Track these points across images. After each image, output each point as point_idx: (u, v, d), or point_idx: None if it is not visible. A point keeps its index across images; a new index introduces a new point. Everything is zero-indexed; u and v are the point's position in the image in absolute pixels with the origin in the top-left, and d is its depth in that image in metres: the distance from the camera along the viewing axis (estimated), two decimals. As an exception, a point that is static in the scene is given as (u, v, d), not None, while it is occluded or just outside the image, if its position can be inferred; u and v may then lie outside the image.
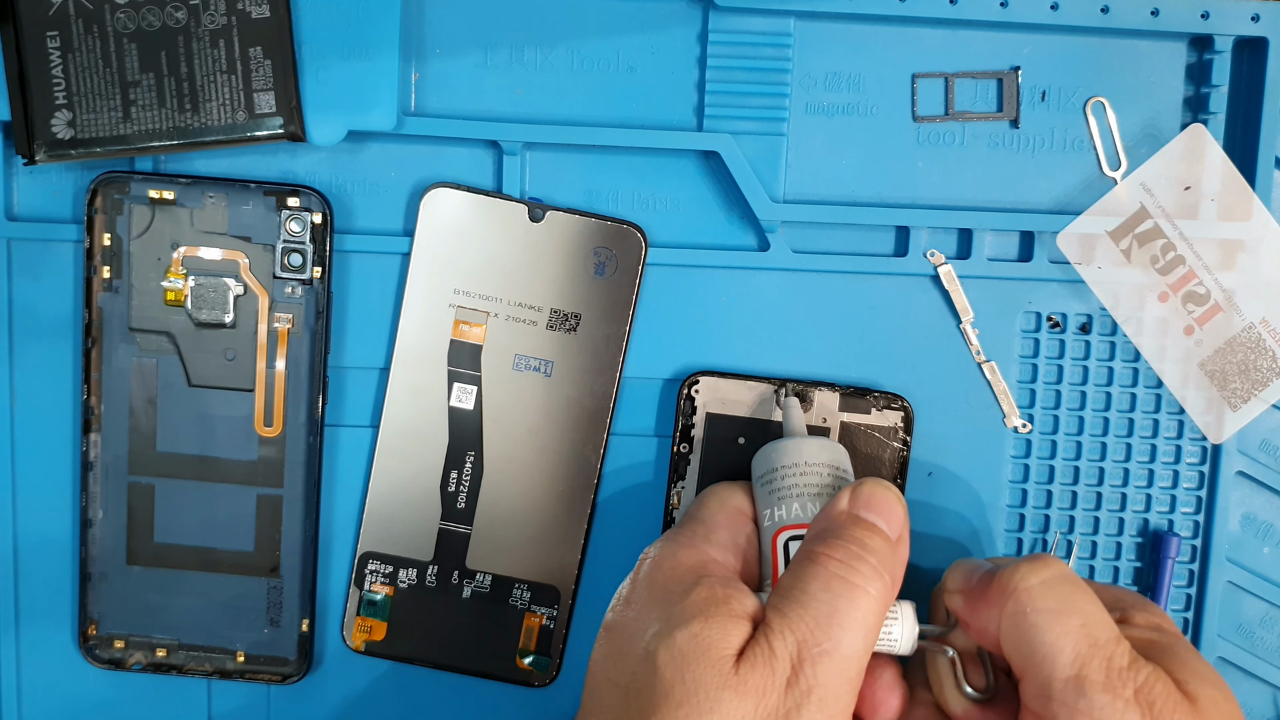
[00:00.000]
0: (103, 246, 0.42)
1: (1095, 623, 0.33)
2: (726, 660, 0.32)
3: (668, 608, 0.34)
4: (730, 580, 0.35)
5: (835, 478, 0.38)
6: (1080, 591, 0.34)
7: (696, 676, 0.32)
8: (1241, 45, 0.43)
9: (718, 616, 0.33)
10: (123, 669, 0.44)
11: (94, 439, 0.43)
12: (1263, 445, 0.45)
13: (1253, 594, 0.45)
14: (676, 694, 0.32)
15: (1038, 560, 0.34)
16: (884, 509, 0.35)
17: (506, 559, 0.43)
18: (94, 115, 0.40)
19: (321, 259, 0.42)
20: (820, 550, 0.34)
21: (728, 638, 0.32)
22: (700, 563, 0.35)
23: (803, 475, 0.38)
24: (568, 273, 0.42)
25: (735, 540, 0.37)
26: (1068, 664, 0.32)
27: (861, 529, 0.34)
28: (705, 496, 0.39)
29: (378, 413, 0.43)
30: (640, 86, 0.43)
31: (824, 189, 0.44)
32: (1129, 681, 0.32)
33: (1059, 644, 0.33)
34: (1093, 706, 0.32)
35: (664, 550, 0.36)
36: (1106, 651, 0.32)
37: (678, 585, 0.34)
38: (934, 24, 0.43)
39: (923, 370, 0.44)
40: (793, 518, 0.37)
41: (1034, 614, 0.33)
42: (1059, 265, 0.44)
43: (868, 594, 0.33)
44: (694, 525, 0.37)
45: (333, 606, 0.44)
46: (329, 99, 0.41)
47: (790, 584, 0.33)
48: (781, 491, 0.37)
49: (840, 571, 0.33)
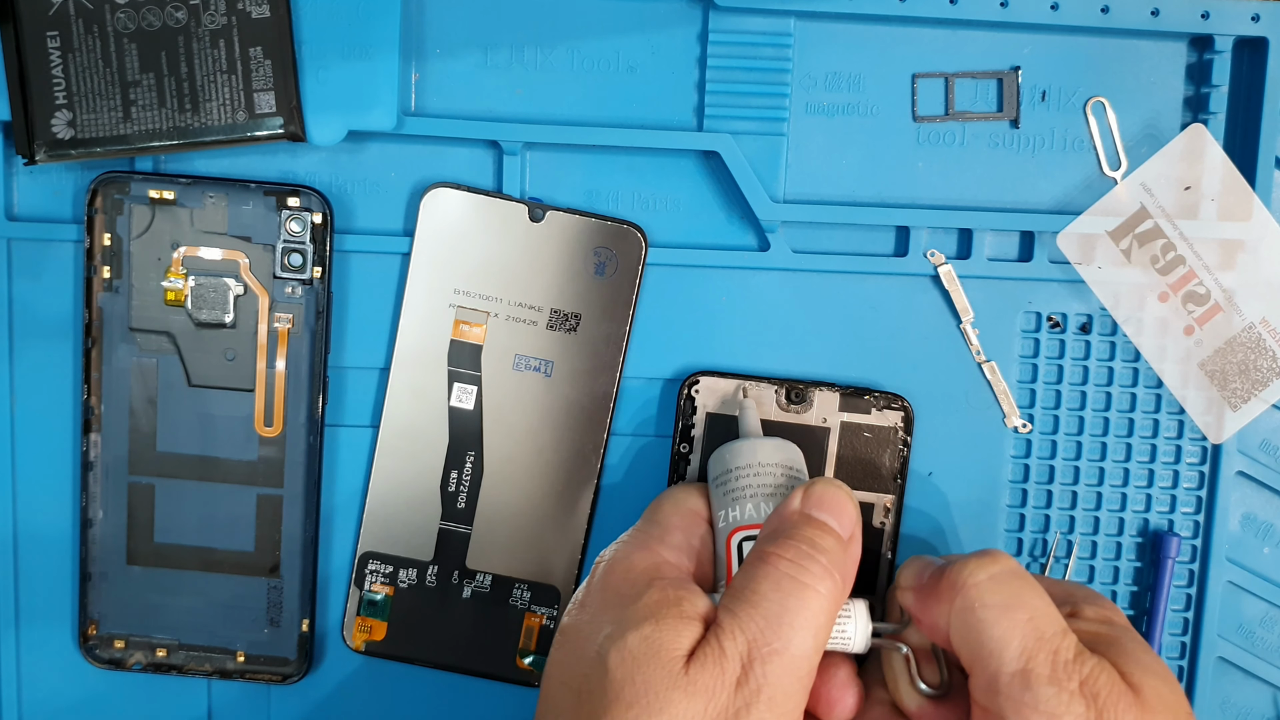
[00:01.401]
0: (103, 246, 0.42)
1: (1042, 617, 0.33)
2: (677, 661, 0.32)
3: (620, 610, 0.34)
4: (682, 582, 0.35)
5: (789, 478, 0.38)
6: (1027, 586, 0.34)
7: (647, 678, 0.32)
8: (1241, 45, 0.43)
9: (669, 618, 0.33)
10: (123, 669, 0.44)
11: (94, 439, 0.43)
12: (1263, 445, 0.45)
13: (1253, 594, 0.45)
14: (627, 695, 0.32)
15: (986, 555, 0.35)
16: (835, 508, 0.35)
17: (506, 559, 0.43)
18: (94, 115, 0.40)
19: (321, 259, 0.42)
20: (771, 550, 0.34)
21: (678, 639, 0.33)
22: (653, 565, 0.36)
23: (756, 476, 0.38)
24: (568, 273, 0.42)
25: (689, 542, 0.37)
26: (1014, 658, 0.33)
27: (813, 528, 0.35)
28: (661, 499, 0.39)
29: (378, 413, 0.43)
30: (640, 86, 0.43)
31: (824, 189, 0.44)
32: (1074, 674, 0.32)
33: (1006, 638, 0.33)
34: (1038, 699, 0.32)
35: (618, 553, 0.36)
36: (1053, 645, 0.33)
37: (630, 588, 0.35)
38: (934, 24, 0.43)
39: (923, 370, 0.44)
40: (746, 518, 0.37)
41: (981, 609, 0.33)
42: (1059, 265, 0.44)
43: (818, 593, 0.33)
44: (649, 527, 0.37)
45: (333, 606, 0.44)
46: (329, 99, 0.41)
47: (742, 584, 0.34)
48: (735, 492, 0.38)
49: (791, 571, 0.33)
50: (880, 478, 0.43)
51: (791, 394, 0.43)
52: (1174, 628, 0.45)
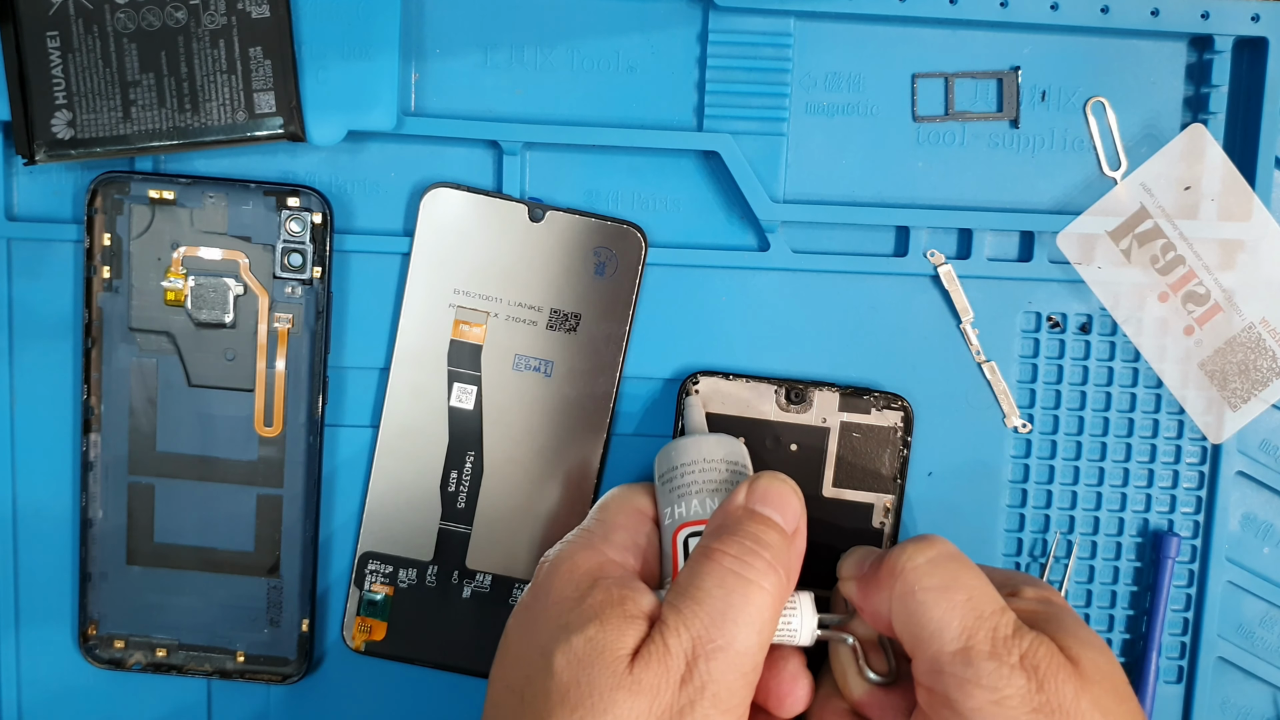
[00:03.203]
0: (103, 246, 0.42)
1: (980, 596, 0.34)
2: (621, 661, 0.32)
3: (564, 612, 0.34)
4: (627, 580, 0.35)
5: (733, 473, 0.38)
6: (965, 568, 0.35)
7: (591, 678, 0.32)
8: (1241, 45, 0.43)
9: (613, 618, 0.33)
10: (123, 669, 0.44)
11: (94, 439, 0.43)
12: (1263, 445, 0.45)
13: (1253, 594, 0.45)
14: (572, 697, 0.32)
15: (923, 540, 0.35)
16: (780, 503, 0.35)
17: (506, 559, 0.43)
18: (94, 115, 0.40)
19: (321, 259, 0.42)
20: (715, 546, 0.34)
21: (622, 638, 0.33)
22: (598, 565, 0.35)
23: (701, 472, 0.38)
24: (568, 273, 0.42)
25: (635, 540, 0.37)
26: (955, 637, 0.33)
27: (757, 523, 0.35)
28: (606, 498, 0.39)
29: (378, 413, 0.43)
30: (640, 86, 0.43)
31: (824, 189, 0.44)
32: (1014, 648, 0.33)
33: (946, 618, 0.33)
34: (980, 674, 0.32)
35: (562, 553, 0.36)
36: (992, 623, 0.33)
37: (574, 589, 0.35)
38: (934, 24, 0.43)
39: (923, 370, 0.44)
40: (692, 514, 0.37)
41: (921, 591, 0.34)
42: (1059, 265, 0.44)
43: (762, 589, 0.33)
44: (594, 526, 0.37)
45: (333, 606, 0.44)
46: (329, 99, 0.41)
47: (686, 581, 0.34)
48: (681, 489, 0.38)
49: (735, 567, 0.33)
50: (880, 478, 0.43)
51: (791, 394, 0.43)
52: (1174, 628, 0.45)
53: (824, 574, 0.39)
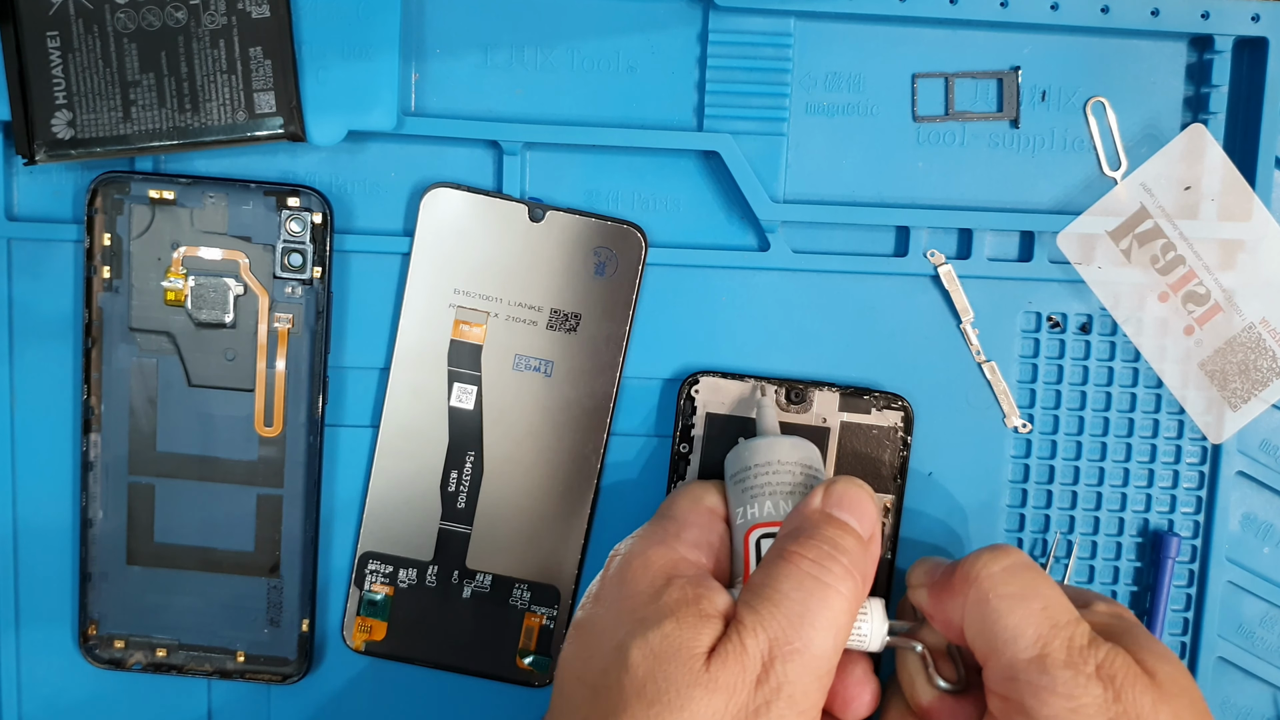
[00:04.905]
0: (103, 246, 0.42)
1: (1055, 605, 0.34)
2: (698, 659, 0.32)
3: (639, 606, 0.34)
4: (701, 579, 0.35)
5: (807, 476, 0.38)
6: (1040, 577, 0.35)
7: (668, 675, 0.32)
8: (1241, 45, 0.43)
9: (689, 616, 0.33)
10: (123, 669, 0.44)
11: (94, 439, 0.43)
12: (1263, 445, 0.45)
13: (1253, 594, 0.45)
14: (649, 692, 0.32)
15: (998, 549, 0.35)
16: (856, 507, 0.35)
17: (506, 559, 0.43)
18: (94, 115, 0.40)
19: (321, 259, 0.42)
20: (793, 549, 0.34)
21: (699, 636, 0.33)
22: (671, 561, 0.36)
23: (775, 474, 0.38)
24: (568, 273, 0.42)
25: (706, 538, 0.37)
26: (1030, 644, 0.33)
27: (834, 528, 0.35)
28: (677, 494, 0.39)
29: (378, 413, 0.43)
30: (640, 86, 0.43)
31: (824, 189, 0.44)
32: (1090, 658, 0.33)
33: (1021, 626, 0.33)
34: (1056, 683, 0.32)
35: (635, 547, 0.36)
36: (1067, 632, 0.33)
37: (648, 584, 0.35)
38: (934, 24, 0.43)
39: (923, 370, 0.44)
40: (765, 515, 0.37)
41: (996, 599, 0.34)
42: (1059, 265, 0.44)
43: (840, 593, 0.33)
44: (665, 523, 0.37)
45: (333, 606, 0.44)
46: (329, 99, 0.41)
47: (763, 582, 0.34)
48: (754, 490, 0.38)
49: (813, 571, 0.33)
50: (880, 478, 0.43)
51: (791, 394, 0.43)
52: (1174, 628, 0.45)
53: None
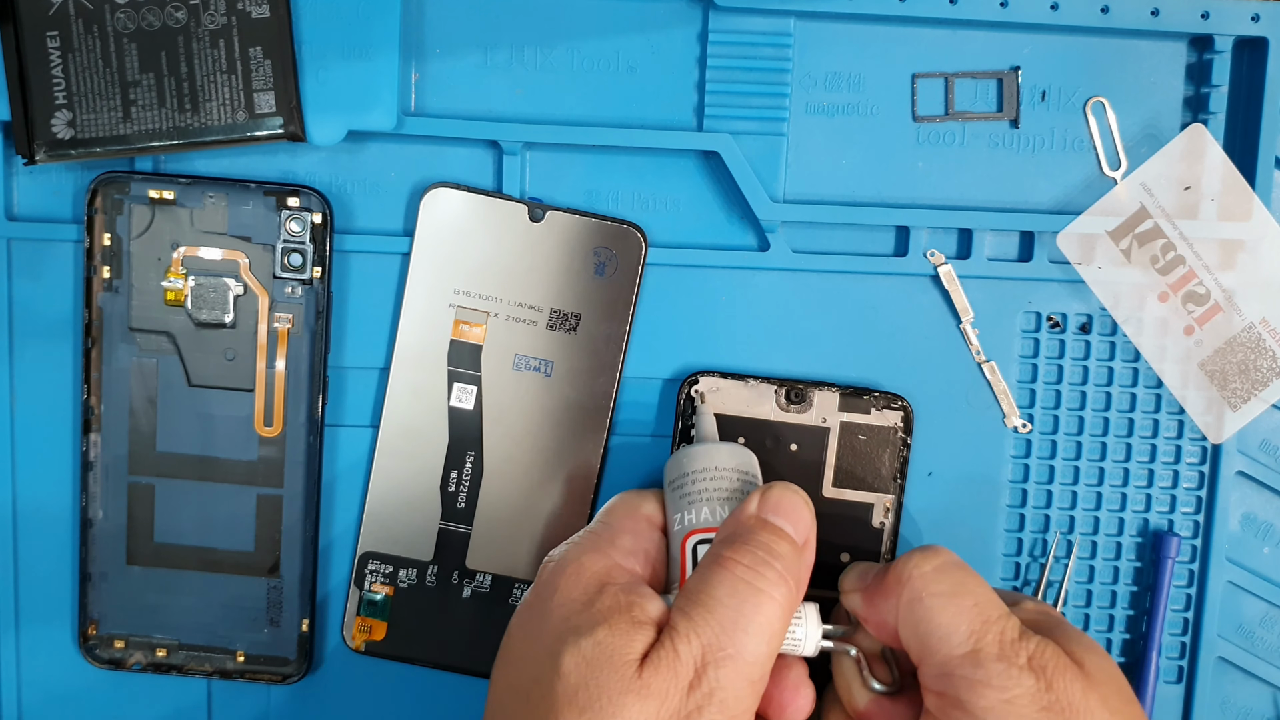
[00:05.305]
0: (103, 246, 0.42)
1: (986, 602, 0.35)
2: (630, 665, 0.32)
3: (572, 614, 0.34)
4: (634, 586, 0.35)
5: (744, 483, 0.38)
6: (970, 575, 0.36)
7: (600, 682, 0.32)
8: (1241, 45, 0.43)
9: (621, 623, 0.33)
10: (123, 669, 0.44)
11: (94, 439, 0.43)
12: (1263, 445, 0.45)
13: (1253, 594, 0.45)
14: (580, 699, 0.32)
15: (928, 549, 0.36)
16: (791, 513, 0.36)
17: (506, 559, 0.43)
18: (94, 115, 0.40)
19: (321, 259, 0.42)
20: (728, 554, 0.34)
21: (631, 643, 0.33)
22: (605, 569, 0.36)
23: (713, 480, 0.38)
24: (568, 273, 0.42)
25: (642, 545, 0.37)
26: (963, 640, 0.34)
27: (769, 533, 0.35)
28: (612, 503, 0.39)
29: (378, 413, 0.43)
30: (640, 86, 0.43)
31: (824, 189, 0.44)
32: (1021, 651, 0.34)
33: (954, 623, 0.34)
34: (990, 675, 0.33)
35: (568, 554, 0.36)
36: (999, 626, 0.34)
37: (581, 591, 0.35)
38: (934, 24, 0.43)
39: (923, 370, 0.44)
40: (702, 521, 0.37)
41: (929, 597, 0.35)
42: (1059, 265, 0.44)
43: (773, 599, 0.34)
44: (600, 530, 0.37)
45: (333, 606, 0.44)
46: (329, 99, 0.41)
47: (697, 588, 0.34)
48: (691, 496, 0.38)
49: (746, 576, 0.34)
50: (880, 478, 0.43)
51: (791, 394, 0.43)
52: (1174, 628, 0.45)
53: (822, 574, 0.39)
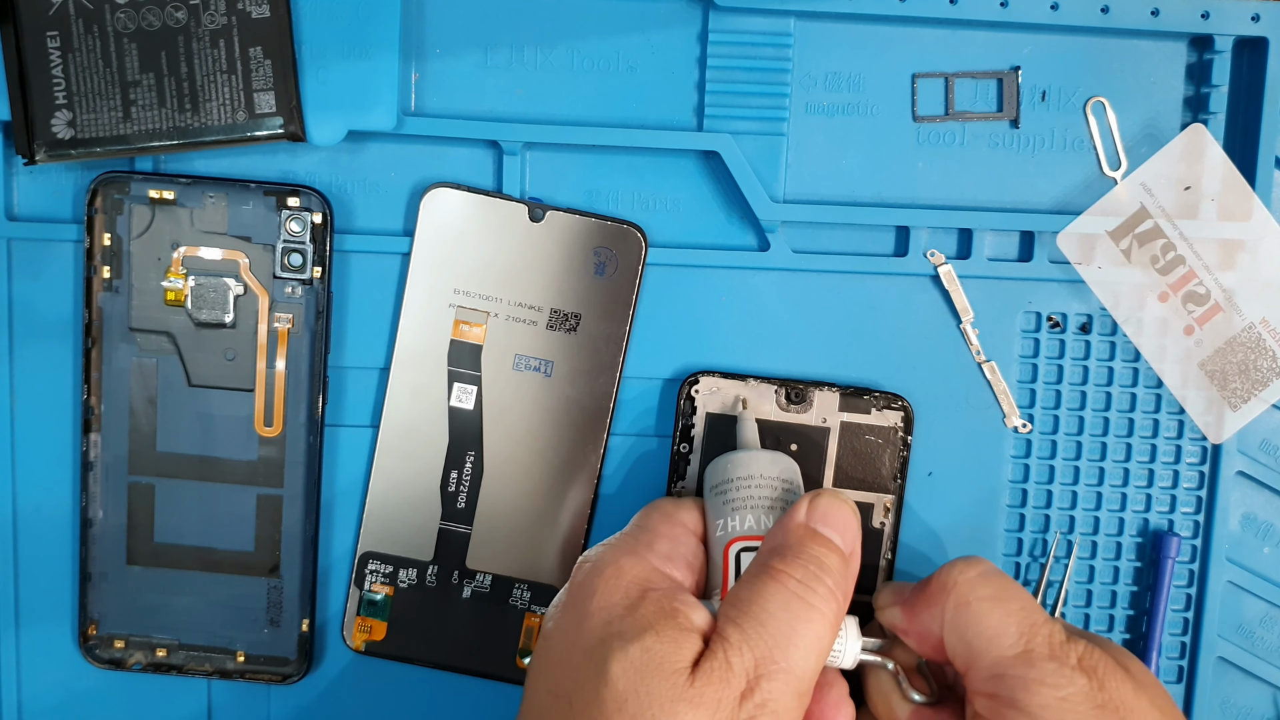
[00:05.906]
0: (103, 246, 0.42)
1: (1031, 607, 0.36)
2: (681, 674, 0.32)
3: (614, 619, 0.34)
4: (676, 592, 0.35)
5: (786, 491, 0.38)
6: (1012, 582, 0.37)
7: (650, 689, 0.32)
8: (1241, 45, 0.43)
9: (668, 630, 0.33)
10: (123, 669, 0.44)
11: (94, 439, 0.43)
12: (1263, 445, 0.45)
13: (1253, 594, 0.45)
14: (630, 707, 0.32)
15: (970, 559, 0.37)
16: (839, 523, 0.36)
17: (506, 559, 0.43)
18: (94, 115, 0.40)
19: (321, 259, 0.42)
20: (779, 566, 0.34)
21: (680, 651, 0.33)
22: (644, 574, 0.36)
23: (757, 488, 0.38)
24: (568, 273, 0.42)
25: (679, 551, 0.37)
26: (1014, 641, 0.35)
27: (819, 545, 0.35)
28: (650, 508, 0.39)
29: (378, 413, 0.43)
30: (640, 86, 0.43)
31: (824, 189, 0.44)
32: (1071, 652, 0.35)
33: (1003, 625, 0.35)
34: (1044, 674, 0.34)
35: (605, 556, 0.36)
36: (1047, 629, 0.35)
37: (622, 595, 0.35)
38: (934, 24, 0.43)
39: (923, 370, 0.44)
40: (746, 529, 0.37)
41: (976, 601, 0.35)
42: (1059, 265, 0.44)
43: (823, 615, 0.34)
44: (637, 533, 0.37)
45: (333, 606, 0.44)
46: (329, 99, 0.41)
47: (748, 598, 0.34)
48: (735, 503, 0.38)
49: (799, 591, 0.34)
50: (880, 478, 0.43)
51: (791, 394, 0.43)
52: (1174, 628, 0.45)
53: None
